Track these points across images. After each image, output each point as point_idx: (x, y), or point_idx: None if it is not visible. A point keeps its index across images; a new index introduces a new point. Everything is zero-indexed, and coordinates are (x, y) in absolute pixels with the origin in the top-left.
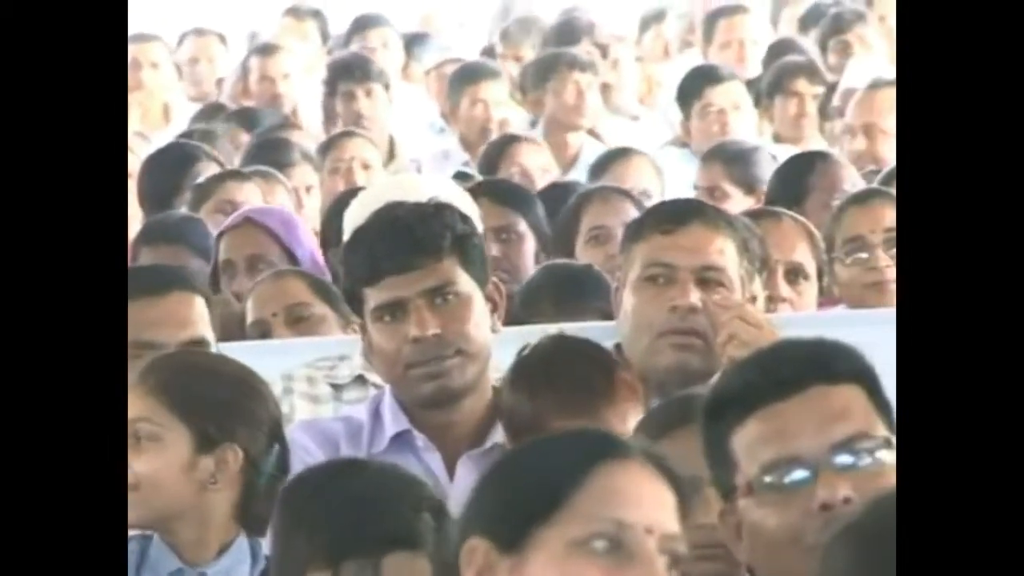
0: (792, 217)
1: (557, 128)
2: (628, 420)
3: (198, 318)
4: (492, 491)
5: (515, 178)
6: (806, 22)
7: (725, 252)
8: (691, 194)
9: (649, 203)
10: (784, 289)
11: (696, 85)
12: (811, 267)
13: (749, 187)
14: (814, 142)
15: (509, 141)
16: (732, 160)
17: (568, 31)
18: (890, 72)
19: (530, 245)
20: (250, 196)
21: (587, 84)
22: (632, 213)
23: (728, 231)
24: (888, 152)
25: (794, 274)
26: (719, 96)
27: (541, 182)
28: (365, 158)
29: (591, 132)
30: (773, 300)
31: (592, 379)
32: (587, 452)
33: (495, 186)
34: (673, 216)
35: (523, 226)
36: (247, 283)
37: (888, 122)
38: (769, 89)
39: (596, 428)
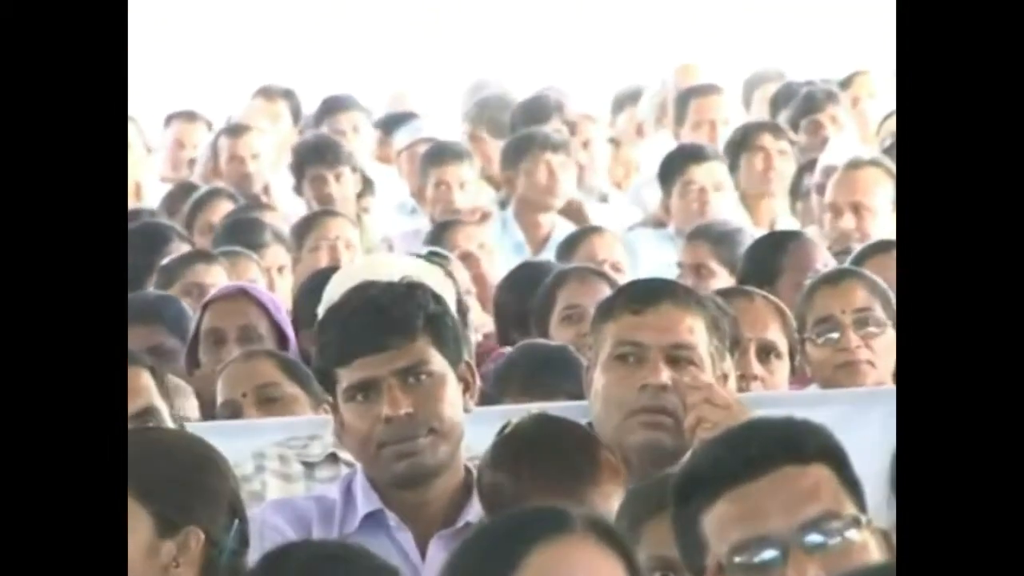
0: (764, 296)
1: (529, 208)
2: (611, 500)
3: (144, 389)
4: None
5: None
6: (778, 102)
7: (695, 331)
8: (671, 273)
9: (620, 278)
10: (756, 367)
11: (679, 163)
12: (783, 346)
13: (734, 267)
14: (781, 200)
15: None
16: (719, 240)
17: (537, 108)
18: (867, 152)
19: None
20: (217, 278)
21: (559, 164)
22: (606, 292)
23: (698, 310)
24: (875, 230)
25: (766, 353)
26: (701, 175)
27: None
28: (347, 237)
29: (575, 211)
30: (745, 378)
31: (575, 459)
32: (527, 531)
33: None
34: (643, 295)
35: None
36: (236, 353)
37: (873, 200)
38: (734, 148)
39: (542, 505)
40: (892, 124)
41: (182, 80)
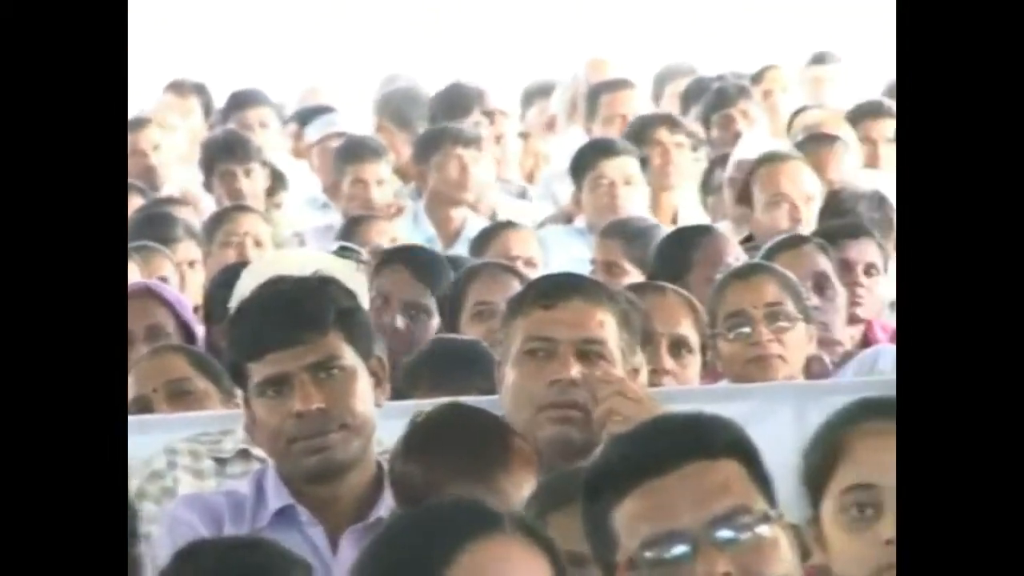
0: (675, 291)
1: (440, 202)
2: (523, 488)
3: None
4: (367, 572)
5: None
6: (688, 97)
7: (605, 325)
8: (583, 268)
9: (533, 273)
10: (667, 362)
11: (590, 157)
12: (695, 340)
13: (646, 264)
14: (680, 193)
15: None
16: (632, 237)
17: (457, 99)
18: (781, 146)
19: (435, 322)
20: (129, 274)
21: (471, 159)
22: (517, 288)
23: (608, 304)
24: (808, 220)
25: (677, 347)
26: (612, 169)
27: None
28: (257, 233)
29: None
30: (657, 373)
31: (487, 447)
32: (457, 528)
33: (416, 258)
34: (553, 290)
35: (433, 304)
36: (144, 352)
37: (801, 191)
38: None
39: (470, 499)
40: (804, 118)
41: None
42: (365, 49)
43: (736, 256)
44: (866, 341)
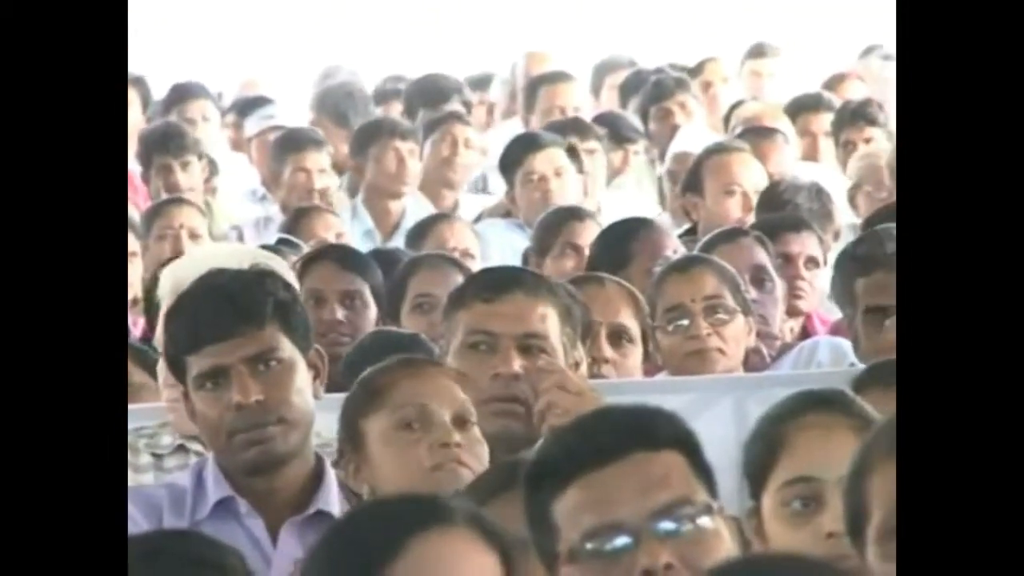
0: (615, 282)
1: (378, 195)
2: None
3: None
4: (317, 565)
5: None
6: (627, 90)
7: (547, 319)
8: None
9: (471, 265)
10: (607, 351)
11: (517, 153)
12: (635, 330)
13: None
14: (594, 198)
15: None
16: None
17: (436, 88)
18: (718, 138)
19: (373, 311)
20: None
21: (408, 151)
22: (458, 280)
23: (550, 298)
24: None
25: (617, 336)
26: (541, 163)
27: None
28: (193, 226)
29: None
30: (596, 362)
31: None
32: (405, 521)
33: (342, 251)
34: (494, 284)
35: (367, 292)
36: None
37: (752, 182)
38: None
39: (421, 493)
40: (742, 111)
41: None
42: (304, 41)
43: (675, 249)
44: (805, 333)
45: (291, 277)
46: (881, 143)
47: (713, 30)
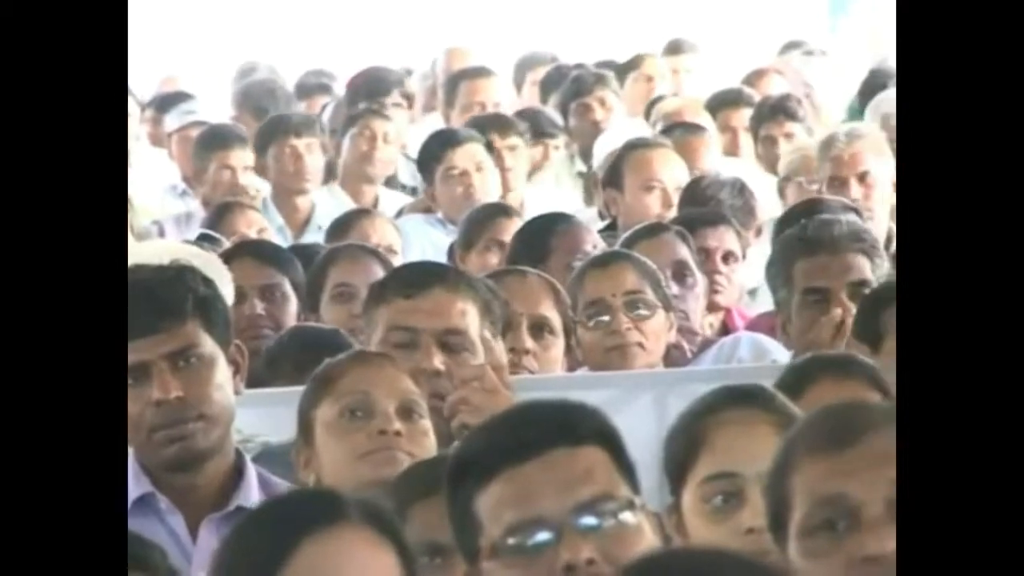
0: (537, 274)
1: (284, 193)
2: None
3: None
4: (218, 568)
5: None
6: (547, 86)
7: (467, 315)
8: (442, 257)
9: (394, 260)
10: (528, 342)
11: (436, 150)
12: (556, 322)
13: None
14: (518, 194)
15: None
16: None
17: (376, 81)
18: (647, 133)
19: (293, 305)
20: None
21: (305, 147)
22: (378, 272)
23: (470, 294)
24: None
25: (539, 328)
26: (460, 158)
27: None
28: None
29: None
30: (517, 353)
31: None
32: (297, 521)
33: (259, 246)
34: (415, 280)
35: (287, 285)
36: None
37: (672, 178)
38: None
39: (314, 489)
40: (663, 107)
41: None
42: (222, 38)
43: (594, 244)
44: (725, 329)
45: (216, 271)
46: (801, 137)
47: (633, 26)
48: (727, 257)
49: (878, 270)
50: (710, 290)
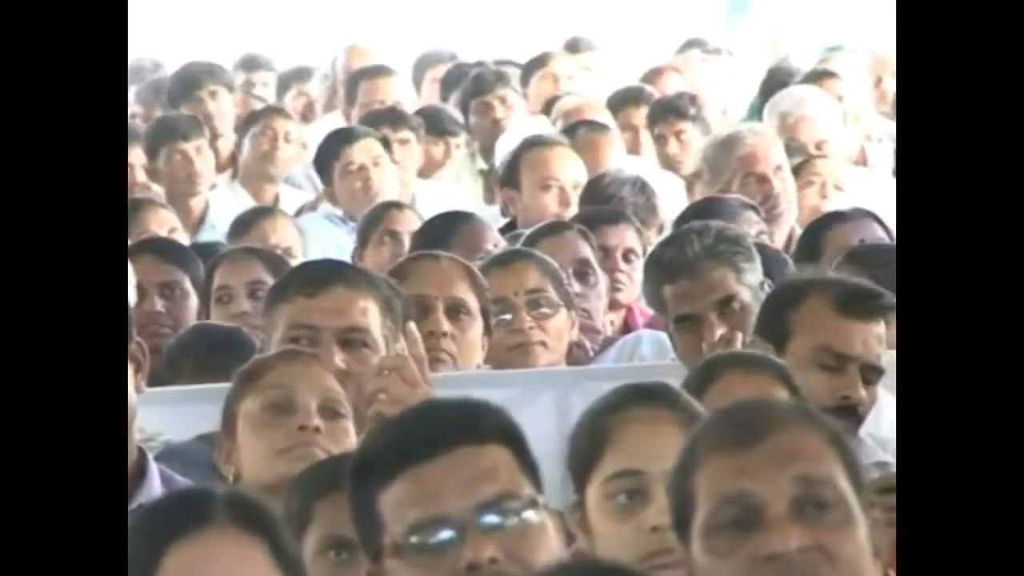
0: (451, 258)
1: (176, 195)
2: None
3: None
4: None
5: None
6: (448, 83)
7: (368, 312)
8: (344, 255)
9: (293, 262)
10: (444, 325)
11: (334, 147)
12: (473, 304)
13: None
14: (412, 188)
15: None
16: None
17: (295, 76)
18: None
19: (193, 302)
20: None
21: (194, 149)
22: (262, 273)
23: (371, 291)
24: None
25: (455, 310)
26: (358, 154)
27: None
28: None
29: None
30: (435, 336)
31: None
32: (164, 527)
33: (160, 244)
34: (315, 278)
35: (187, 283)
36: None
37: (570, 177)
38: None
39: (182, 490)
40: (563, 104)
41: None
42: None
43: (495, 242)
44: (627, 326)
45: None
46: (693, 136)
47: (532, 24)
48: (628, 255)
49: (749, 274)
50: (611, 288)
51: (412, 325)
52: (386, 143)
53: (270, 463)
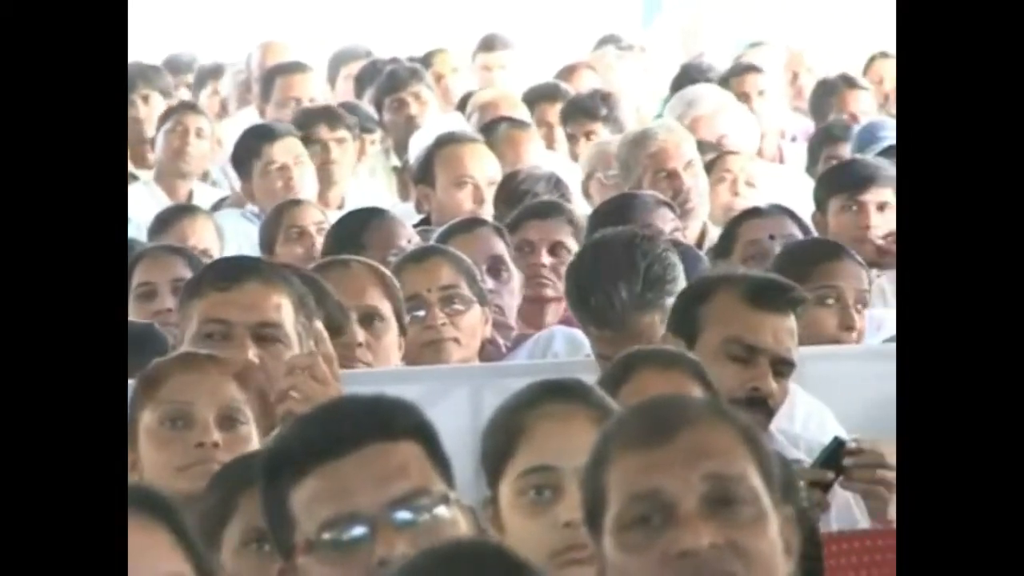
0: (361, 262)
1: None
2: None
3: None
4: None
5: None
6: (362, 80)
7: (282, 308)
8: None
9: (209, 260)
10: (360, 335)
11: (254, 144)
12: (387, 309)
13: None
14: (341, 186)
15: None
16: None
17: (206, 72)
18: (464, 128)
19: None
20: None
21: None
22: (182, 269)
23: (284, 287)
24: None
25: (369, 319)
26: (279, 152)
27: None
28: None
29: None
30: (350, 347)
31: None
32: None
33: None
34: (229, 273)
35: None
36: None
37: (484, 174)
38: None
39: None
40: (478, 98)
41: None
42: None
43: (409, 239)
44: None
45: None
46: (603, 135)
47: (447, 21)
48: (555, 248)
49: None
50: (537, 284)
51: (319, 324)
52: (323, 143)
53: (170, 480)
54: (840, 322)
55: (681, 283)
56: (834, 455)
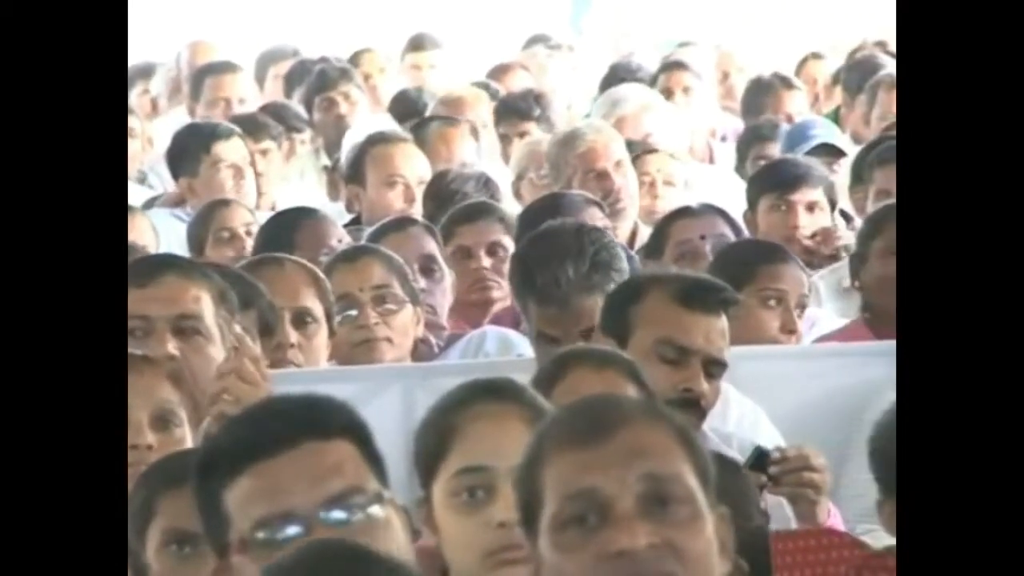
0: (294, 262)
1: None
2: None
3: None
4: None
5: None
6: (291, 79)
7: (201, 301)
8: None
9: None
10: (292, 336)
11: (202, 142)
12: (319, 310)
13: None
14: (275, 186)
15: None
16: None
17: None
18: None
19: None
20: None
21: None
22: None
23: (203, 281)
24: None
25: (301, 319)
26: (228, 152)
27: None
28: None
29: None
30: (282, 348)
31: None
32: None
33: None
34: (147, 270)
35: None
36: None
37: (415, 173)
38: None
39: None
40: (443, 97)
41: None
42: None
43: (340, 238)
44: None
45: None
46: (536, 135)
47: (376, 21)
48: (493, 248)
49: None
50: (483, 287)
51: (238, 329)
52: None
53: None
54: (782, 325)
55: (626, 274)
56: (759, 463)
